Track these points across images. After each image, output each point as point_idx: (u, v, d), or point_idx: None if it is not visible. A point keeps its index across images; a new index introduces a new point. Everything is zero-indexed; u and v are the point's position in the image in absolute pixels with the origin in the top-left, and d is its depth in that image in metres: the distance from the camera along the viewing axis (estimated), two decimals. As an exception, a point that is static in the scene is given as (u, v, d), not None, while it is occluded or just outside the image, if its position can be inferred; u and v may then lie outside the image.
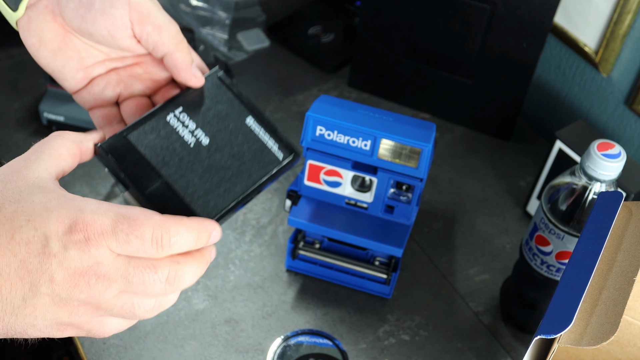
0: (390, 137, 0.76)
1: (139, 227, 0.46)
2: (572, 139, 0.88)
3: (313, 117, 0.78)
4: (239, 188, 0.55)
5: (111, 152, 0.53)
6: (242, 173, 0.55)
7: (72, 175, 0.97)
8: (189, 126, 0.55)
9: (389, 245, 0.80)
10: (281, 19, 1.22)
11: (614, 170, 0.68)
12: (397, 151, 0.77)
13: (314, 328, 0.83)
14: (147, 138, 0.54)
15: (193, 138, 0.55)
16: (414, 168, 0.78)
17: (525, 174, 1.03)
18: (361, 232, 0.81)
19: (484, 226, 0.96)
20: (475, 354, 0.82)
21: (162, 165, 0.53)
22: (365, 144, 0.77)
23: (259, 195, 0.96)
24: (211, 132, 0.55)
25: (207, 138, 0.55)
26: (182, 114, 0.55)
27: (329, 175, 0.83)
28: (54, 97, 1.00)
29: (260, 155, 0.56)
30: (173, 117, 0.55)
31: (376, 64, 1.10)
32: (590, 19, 0.97)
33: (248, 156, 0.56)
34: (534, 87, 1.11)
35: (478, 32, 1.00)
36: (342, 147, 0.78)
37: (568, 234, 0.72)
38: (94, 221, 0.46)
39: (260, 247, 0.91)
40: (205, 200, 0.53)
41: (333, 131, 0.78)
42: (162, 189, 0.53)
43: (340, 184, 0.83)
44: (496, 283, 0.89)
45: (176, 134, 0.54)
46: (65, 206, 0.47)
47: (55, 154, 0.52)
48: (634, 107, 0.95)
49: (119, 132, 0.53)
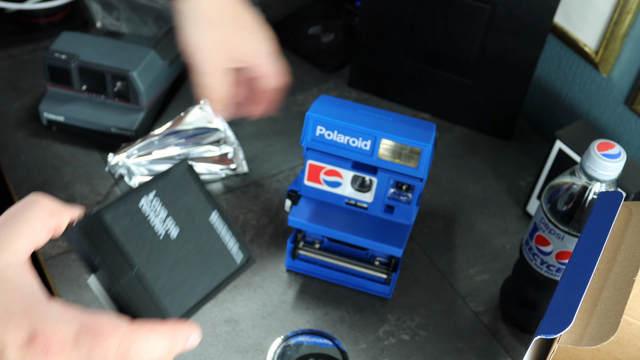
0: (390, 137, 0.76)
1: (103, 340, 0.44)
2: (572, 139, 0.88)
3: (313, 117, 0.78)
4: (204, 286, 0.54)
5: (87, 234, 0.49)
6: (206, 271, 0.55)
7: (72, 176, 0.97)
8: (160, 214, 0.53)
9: (389, 245, 0.80)
10: (281, 19, 1.22)
11: (614, 170, 0.68)
12: (397, 151, 0.77)
13: (314, 328, 0.83)
14: (121, 222, 0.51)
15: (163, 229, 0.54)
16: (414, 168, 0.78)
17: (525, 174, 1.03)
18: (361, 232, 0.81)
19: (484, 226, 0.96)
20: (475, 354, 0.82)
21: (135, 254, 0.51)
22: (365, 144, 0.77)
23: (258, 195, 0.96)
24: (180, 224, 0.54)
25: (176, 230, 0.54)
26: (155, 199, 0.54)
27: (329, 175, 0.83)
28: (54, 97, 1.00)
29: (221, 255, 0.56)
30: (146, 201, 0.53)
31: (376, 64, 1.10)
32: (590, 19, 0.97)
33: (211, 254, 0.55)
34: (534, 87, 1.11)
35: (478, 32, 1.00)
36: (342, 147, 0.78)
37: (568, 234, 0.72)
38: (55, 332, 0.43)
39: (260, 247, 0.91)
40: (174, 297, 0.52)
41: (333, 131, 0.78)
42: (133, 281, 0.51)
43: (340, 184, 0.83)
44: (496, 283, 0.89)
45: (147, 222, 0.53)
46: (28, 313, 0.43)
47: (29, 230, 0.47)
48: (634, 107, 0.95)
49: (94, 212, 0.50)
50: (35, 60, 1.13)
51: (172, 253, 0.53)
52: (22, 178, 0.96)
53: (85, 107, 0.99)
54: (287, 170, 1.00)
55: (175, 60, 1.04)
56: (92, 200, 0.94)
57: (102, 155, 1.00)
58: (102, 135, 0.99)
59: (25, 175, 0.96)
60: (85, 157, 0.99)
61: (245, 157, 1.00)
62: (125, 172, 0.93)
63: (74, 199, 0.94)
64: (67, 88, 1.00)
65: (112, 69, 0.97)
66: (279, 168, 1.00)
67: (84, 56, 0.98)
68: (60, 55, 0.97)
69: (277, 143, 1.03)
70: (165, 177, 0.55)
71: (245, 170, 0.98)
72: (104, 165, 0.98)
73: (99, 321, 0.44)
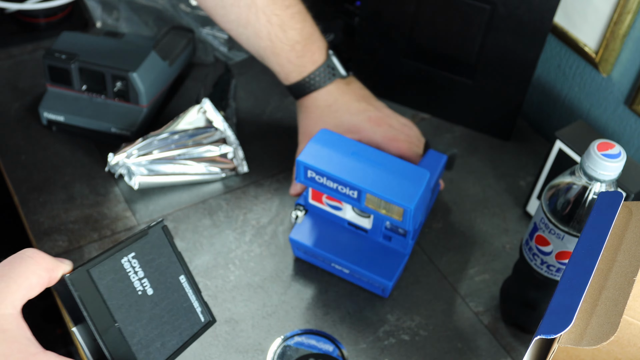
0: (374, 193, 0.76)
1: None
2: (572, 139, 0.88)
3: (303, 163, 0.78)
4: (173, 343, 0.59)
5: (76, 287, 0.54)
6: (175, 329, 0.59)
7: (72, 176, 0.97)
8: (138, 273, 0.58)
9: (379, 277, 0.82)
10: (281, 19, 1.22)
11: (614, 170, 0.68)
12: (382, 205, 0.77)
13: (314, 328, 0.83)
14: (106, 278, 0.56)
15: (141, 287, 0.58)
16: (399, 221, 0.77)
17: (525, 174, 1.03)
18: (356, 258, 0.83)
19: (484, 226, 0.96)
20: (475, 354, 0.82)
21: (116, 309, 0.55)
22: (353, 193, 0.78)
23: (258, 195, 0.96)
24: (154, 283, 0.59)
25: (151, 289, 0.59)
26: (134, 260, 0.58)
27: (330, 200, 0.84)
28: (54, 97, 1.00)
29: (189, 314, 0.61)
30: (127, 260, 0.58)
31: (376, 64, 1.10)
32: (590, 19, 0.97)
33: (180, 313, 0.60)
34: (534, 87, 1.11)
35: (478, 32, 1.00)
36: (333, 190, 0.79)
37: (568, 234, 0.72)
38: None
39: (260, 247, 0.91)
40: (148, 351, 0.57)
41: (323, 177, 0.78)
42: (115, 334, 0.55)
43: (342, 208, 0.84)
44: (496, 283, 0.89)
45: (128, 278, 0.57)
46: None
47: (25, 284, 0.51)
48: (634, 107, 0.95)
49: (81, 266, 0.54)
50: (35, 60, 1.13)
51: (148, 310, 0.58)
52: (22, 178, 0.96)
53: (85, 107, 0.99)
54: (287, 170, 1.00)
55: (175, 60, 1.04)
56: (92, 200, 0.94)
57: (102, 155, 1.00)
58: (102, 135, 0.99)
59: (25, 175, 0.96)
60: (85, 157, 0.99)
61: (245, 157, 1.00)
62: (125, 172, 0.93)
63: (74, 199, 0.94)
64: (67, 88, 1.00)
65: (112, 69, 0.97)
66: (279, 168, 1.00)
67: (84, 56, 0.98)
68: (60, 55, 0.97)
69: (277, 143, 1.03)
70: (143, 237, 0.60)
71: (245, 170, 0.98)
72: (104, 165, 0.98)
73: None
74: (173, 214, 0.94)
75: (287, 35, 0.90)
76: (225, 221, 0.93)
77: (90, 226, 0.91)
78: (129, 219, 0.92)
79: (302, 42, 0.91)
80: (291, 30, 0.90)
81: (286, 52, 0.91)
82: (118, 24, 1.17)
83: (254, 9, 0.88)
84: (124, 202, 0.94)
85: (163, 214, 0.93)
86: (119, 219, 0.92)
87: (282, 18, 0.89)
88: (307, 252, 0.87)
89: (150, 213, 0.93)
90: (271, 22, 0.89)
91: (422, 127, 1.08)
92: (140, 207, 0.94)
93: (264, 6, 0.88)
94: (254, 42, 0.91)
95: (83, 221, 0.92)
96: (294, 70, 0.92)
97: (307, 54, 0.92)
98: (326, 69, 0.92)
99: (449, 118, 1.10)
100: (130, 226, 0.91)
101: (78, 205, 0.93)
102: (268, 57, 0.92)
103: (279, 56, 0.91)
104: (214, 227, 0.92)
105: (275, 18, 0.89)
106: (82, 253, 0.88)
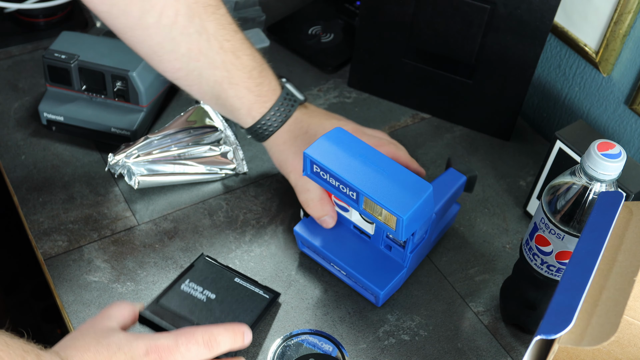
0: (371, 197, 0.75)
1: (193, 335, 0.66)
2: (572, 139, 0.88)
3: (309, 157, 0.78)
4: (247, 319, 0.79)
5: (153, 313, 0.78)
6: (245, 310, 0.80)
7: (72, 176, 0.97)
8: (197, 289, 0.81)
9: (372, 285, 0.82)
10: (281, 19, 1.22)
11: (614, 170, 0.68)
12: (379, 211, 0.76)
13: (314, 328, 0.83)
14: (173, 301, 0.80)
15: (204, 296, 0.81)
16: (394, 230, 0.76)
17: (525, 174, 1.03)
18: (355, 262, 0.83)
19: (484, 226, 0.96)
20: (475, 354, 0.82)
21: (191, 314, 0.78)
22: (352, 194, 0.77)
23: (258, 195, 0.96)
24: (214, 290, 0.81)
25: (213, 294, 0.81)
26: (191, 283, 0.82)
27: (338, 201, 0.84)
28: (54, 97, 1.00)
29: (253, 298, 0.82)
30: (185, 285, 0.81)
31: (376, 64, 1.10)
32: (590, 19, 0.97)
33: (245, 300, 0.81)
34: (534, 87, 1.11)
35: (478, 32, 1.00)
36: (334, 188, 0.79)
37: (568, 234, 0.72)
38: (161, 344, 0.65)
39: (260, 247, 0.90)
40: None
41: (326, 173, 0.78)
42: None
43: (348, 210, 0.85)
44: (496, 283, 0.89)
45: (191, 295, 0.80)
46: (140, 338, 0.65)
47: (121, 315, 0.70)
48: (634, 107, 0.95)
49: (153, 301, 0.79)
50: (35, 60, 1.13)
51: (217, 307, 0.80)
52: (21, 178, 0.96)
53: (85, 107, 0.99)
54: (287, 170, 1.00)
55: (175, 60, 1.04)
56: (91, 200, 0.94)
57: (102, 155, 1.00)
58: (102, 135, 0.99)
59: (25, 175, 0.96)
60: (85, 157, 0.99)
61: (245, 157, 1.00)
62: (125, 172, 0.93)
63: (73, 199, 0.94)
64: (67, 88, 0.99)
65: (112, 69, 0.97)
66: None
67: (84, 56, 0.98)
68: (60, 55, 0.97)
69: (277, 143, 1.03)
70: (191, 269, 0.83)
71: (245, 170, 0.98)
72: (104, 165, 0.98)
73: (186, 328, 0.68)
74: (173, 214, 0.93)
75: (241, 61, 0.84)
76: (225, 221, 0.93)
77: (90, 226, 0.91)
78: (129, 219, 0.92)
79: (257, 68, 0.86)
80: (244, 56, 0.85)
81: (244, 81, 0.85)
82: (118, 24, 1.16)
83: (205, 35, 0.81)
84: (123, 202, 0.94)
85: (163, 214, 0.93)
86: (119, 219, 0.92)
87: (233, 44, 0.83)
88: (309, 247, 0.87)
89: (150, 213, 0.93)
90: (224, 49, 0.83)
91: (422, 127, 1.08)
92: (140, 207, 0.94)
93: (215, 32, 0.82)
94: (208, 76, 0.84)
95: (83, 221, 0.92)
96: (256, 102, 0.86)
97: (265, 82, 0.86)
98: (286, 97, 0.88)
99: (449, 118, 1.09)
100: (130, 226, 0.91)
101: (78, 205, 0.93)
102: (225, 91, 0.85)
103: (238, 86, 0.85)
104: (214, 227, 0.92)
105: (227, 44, 0.83)
106: (82, 253, 0.88)
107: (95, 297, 0.84)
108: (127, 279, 0.86)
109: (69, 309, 0.83)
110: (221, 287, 0.82)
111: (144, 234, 0.91)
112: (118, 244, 0.89)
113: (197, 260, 0.84)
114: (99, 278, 0.86)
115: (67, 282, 0.85)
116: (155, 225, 0.92)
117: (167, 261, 0.88)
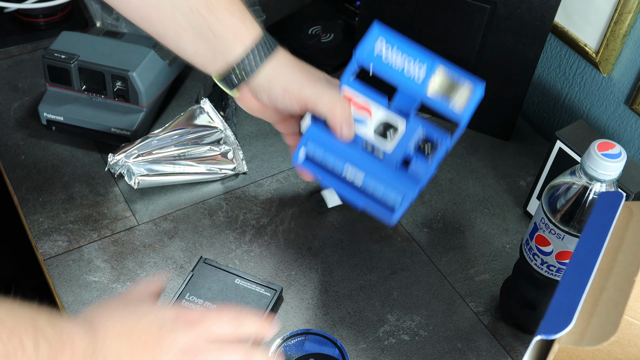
0: (447, 65, 0.72)
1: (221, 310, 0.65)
2: (572, 139, 0.88)
3: (378, 27, 0.74)
4: None
5: None
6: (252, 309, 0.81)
7: (72, 176, 0.97)
8: (198, 302, 0.82)
9: (393, 190, 0.74)
10: (281, 19, 1.22)
11: (615, 170, 0.68)
12: (449, 85, 0.73)
13: (314, 328, 0.83)
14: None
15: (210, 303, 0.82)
16: (457, 114, 0.72)
17: (525, 174, 1.03)
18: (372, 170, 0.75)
19: (484, 226, 0.96)
20: (475, 354, 0.82)
21: None
22: (422, 67, 0.73)
23: (258, 195, 0.96)
24: (216, 299, 0.82)
25: (214, 305, 0.81)
26: (191, 297, 0.83)
27: (358, 109, 0.77)
28: (54, 97, 1.00)
29: (257, 297, 0.83)
30: (186, 301, 0.82)
31: (376, 64, 1.09)
32: (590, 19, 0.97)
33: (249, 299, 0.83)
34: (534, 87, 1.11)
35: (478, 32, 1.00)
36: (394, 72, 0.74)
37: (568, 234, 0.72)
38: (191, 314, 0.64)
39: (260, 247, 0.90)
40: None
41: (393, 47, 0.74)
42: None
43: (366, 122, 0.77)
44: (496, 283, 0.89)
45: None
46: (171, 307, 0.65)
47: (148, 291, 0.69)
48: (635, 107, 0.95)
49: None
50: (35, 60, 1.13)
51: None
52: (21, 178, 0.96)
53: (85, 107, 0.99)
54: (287, 170, 1.00)
55: (175, 60, 1.04)
56: (91, 200, 0.94)
57: (101, 155, 1.00)
58: (102, 135, 0.99)
59: (24, 175, 0.96)
60: (85, 157, 0.99)
61: (245, 157, 1.00)
62: (125, 171, 0.93)
63: (73, 199, 0.94)
64: (67, 88, 0.99)
65: (112, 69, 0.97)
66: (278, 168, 1.00)
67: (84, 56, 0.98)
68: (60, 55, 0.97)
69: (277, 143, 1.03)
70: (192, 278, 0.84)
71: (245, 170, 0.98)
72: (104, 165, 0.98)
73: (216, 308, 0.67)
74: (173, 214, 0.93)
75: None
76: (225, 221, 0.93)
77: (90, 226, 0.91)
78: (129, 219, 0.92)
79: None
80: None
81: (224, 4, 0.74)
82: (118, 24, 1.16)
83: None
84: (123, 202, 0.94)
85: (163, 214, 0.93)
86: (119, 218, 0.92)
87: None
88: (315, 156, 0.77)
89: (150, 213, 0.93)
90: None
91: (422, 127, 1.08)
92: (140, 207, 0.94)
93: None
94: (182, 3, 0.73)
95: (83, 221, 0.92)
96: (242, 25, 0.75)
97: (246, 12, 0.76)
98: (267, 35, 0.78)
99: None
100: (130, 226, 0.91)
101: (78, 205, 0.93)
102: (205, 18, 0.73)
103: (218, 10, 0.73)
104: (214, 227, 0.92)
105: None
106: (82, 253, 0.88)
107: (95, 297, 0.84)
108: (127, 279, 0.86)
109: (69, 309, 0.83)
110: (222, 293, 0.82)
111: (144, 234, 0.91)
112: (118, 244, 0.89)
113: (196, 266, 0.85)
114: (98, 278, 0.86)
115: (67, 282, 0.85)
116: (155, 225, 0.92)
117: (167, 261, 0.88)
